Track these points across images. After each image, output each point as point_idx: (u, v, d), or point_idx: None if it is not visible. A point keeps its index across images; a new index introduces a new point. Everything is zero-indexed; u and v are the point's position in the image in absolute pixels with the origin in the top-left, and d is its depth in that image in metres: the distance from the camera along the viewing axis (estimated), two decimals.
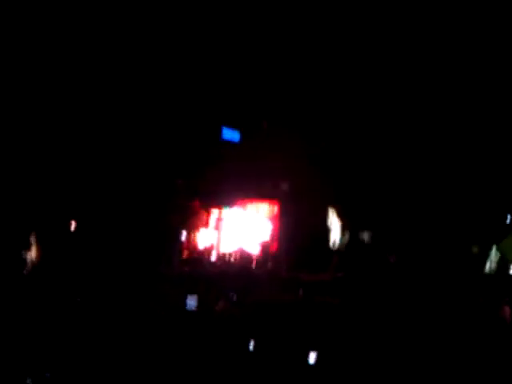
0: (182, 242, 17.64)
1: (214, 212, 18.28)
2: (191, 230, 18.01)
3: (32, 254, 14.18)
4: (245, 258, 17.99)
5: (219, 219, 18.27)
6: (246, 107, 18.01)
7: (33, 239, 14.35)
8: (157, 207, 16.92)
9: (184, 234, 17.73)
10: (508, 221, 18.06)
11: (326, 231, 17.95)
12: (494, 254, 17.48)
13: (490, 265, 17.15)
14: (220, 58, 17.02)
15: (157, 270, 14.34)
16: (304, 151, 18.06)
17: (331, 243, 17.75)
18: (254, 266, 17.77)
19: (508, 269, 16.95)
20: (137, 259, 14.94)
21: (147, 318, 10.07)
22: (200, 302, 11.81)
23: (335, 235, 17.91)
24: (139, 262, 14.69)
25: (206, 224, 18.13)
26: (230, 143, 18.08)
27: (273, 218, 18.59)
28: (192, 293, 12.06)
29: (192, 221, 17.99)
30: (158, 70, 16.74)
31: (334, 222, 18.01)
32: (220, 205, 18.25)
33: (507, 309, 10.05)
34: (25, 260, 13.73)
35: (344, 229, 17.95)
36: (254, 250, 18.20)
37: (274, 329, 10.18)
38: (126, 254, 15.15)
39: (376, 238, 17.55)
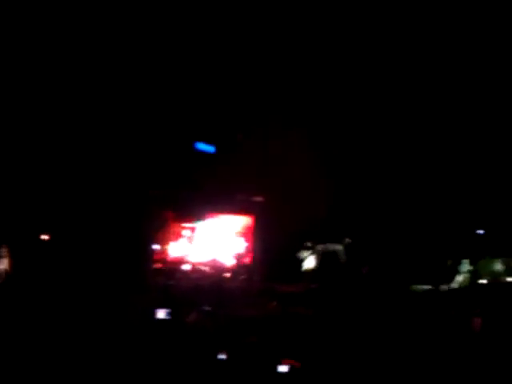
0: (154, 253, 17.63)
1: (188, 224, 18.31)
2: (164, 241, 17.99)
3: (4, 265, 14.11)
4: (217, 269, 17.97)
5: (192, 231, 18.25)
6: (221, 121, 18.03)
7: (4, 251, 14.27)
8: (130, 218, 16.86)
9: (157, 245, 17.72)
10: (480, 233, 18.22)
11: (300, 243, 17.99)
12: (464, 267, 17.61)
13: (460, 277, 17.26)
14: (196, 71, 17.03)
15: (129, 281, 14.23)
16: (280, 164, 18.14)
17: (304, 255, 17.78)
18: (227, 277, 17.81)
19: (477, 281, 17.09)
20: (109, 269, 14.85)
21: (119, 328, 9.99)
22: (172, 313, 11.74)
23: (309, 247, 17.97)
24: (112, 272, 14.61)
25: (179, 235, 18.15)
26: (204, 155, 18.07)
27: (247, 231, 18.61)
28: (164, 304, 11.98)
29: (165, 232, 17.94)
30: (134, 82, 16.74)
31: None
32: (193, 217, 18.25)
33: (477, 320, 10.11)
34: None
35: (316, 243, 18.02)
36: (228, 261, 18.21)
37: (246, 340, 10.14)
38: (98, 265, 15.06)
39: (349, 250, 17.61)
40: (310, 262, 17.46)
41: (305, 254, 17.54)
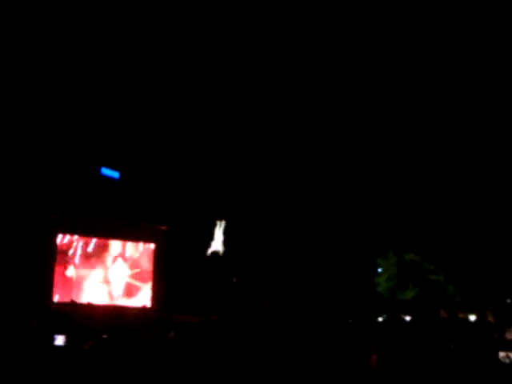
0: (53, 279, 17.29)
1: (89, 249, 18.05)
2: (64, 266, 17.66)
3: None
4: (116, 296, 17.87)
5: (94, 257, 18.02)
6: (127, 148, 17.93)
7: None
8: (32, 240, 16.51)
9: (56, 269, 17.41)
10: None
11: (204, 273, 18.07)
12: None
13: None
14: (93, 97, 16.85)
15: (28, 307, 13.94)
16: (186, 193, 18.19)
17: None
18: (125, 306, 17.67)
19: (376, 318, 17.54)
20: (8, 296, 14.53)
21: (15, 353, 9.75)
22: (68, 340, 11.55)
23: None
24: (10, 299, 14.29)
25: (77, 261, 17.84)
26: (109, 181, 17.93)
27: (148, 258, 18.55)
28: (61, 330, 11.78)
29: (65, 258, 17.65)
30: (39, 106, 16.46)
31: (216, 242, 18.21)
32: (95, 241, 18.03)
33: (374, 356, 10.35)
34: None
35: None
36: (127, 288, 18.11)
37: (141, 368, 10.06)
38: None
39: (250, 284, 17.78)
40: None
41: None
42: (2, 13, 14.41)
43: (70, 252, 17.87)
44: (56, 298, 17.27)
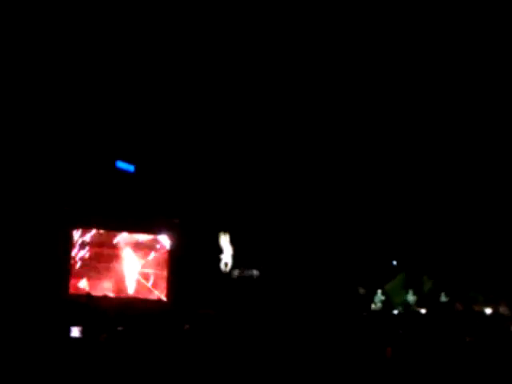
0: (68, 270, 17.40)
1: (103, 242, 18.14)
2: (79, 260, 17.76)
3: None
4: (129, 289, 17.95)
5: (107, 249, 18.09)
6: (142, 141, 17.94)
7: None
8: (46, 232, 16.60)
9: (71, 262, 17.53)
10: (394, 264, 18.66)
11: (217, 266, 18.08)
12: (379, 297, 18.02)
13: (374, 306, 17.67)
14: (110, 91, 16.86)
15: (42, 298, 14.01)
16: (198, 187, 18.19)
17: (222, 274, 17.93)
18: (140, 297, 17.75)
19: (391, 310, 17.50)
20: (22, 287, 14.60)
21: (31, 344, 9.80)
22: (84, 331, 11.60)
23: (226, 269, 18.08)
24: (24, 290, 14.36)
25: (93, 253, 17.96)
26: (124, 175, 17.96)
27: (163, 252, 18.59)
28: (77, 322, 11.84)
29: (79, 251, 17.73)
30: (54, 98, 16.51)
31: (226, 254, 18.18)
32: (109, 234, 18.11)
33: (388, 349, 10.33)
34: None
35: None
36: (143, 281, 18.14)
37: (156, 361, 10.10)
38: (10, 282, 14.79)
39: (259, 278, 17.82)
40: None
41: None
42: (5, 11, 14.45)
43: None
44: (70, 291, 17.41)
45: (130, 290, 18.20)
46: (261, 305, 15.53)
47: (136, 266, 18.37)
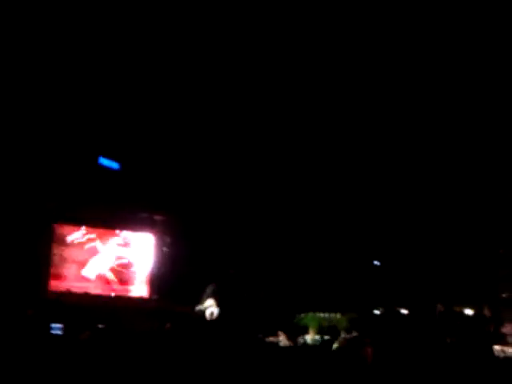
0: (49, 268, 17.30)
1: (85, 238, 18.06)
2: (60, 256, 17.69)
3: None
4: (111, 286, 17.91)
5: (88, 245, 18.03)
6: (127, 138, 17.88)
7: None
8: (27, 230, 16.51)
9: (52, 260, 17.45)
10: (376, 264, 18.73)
11: (201, 263, 18.06)
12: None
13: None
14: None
15: (24, 295, 13.97)
16: (185, 184, 18.16)
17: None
18: (122, 295, 17.72)
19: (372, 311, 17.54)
20: (3, 285, 14.55)
21: (11, 342, 9.75)
22: (65, 329, 11.57)
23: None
24: (5, 289, 14.31)
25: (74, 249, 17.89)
26: (108, 171, 17.90)
27: (147, 248, 18.55)
28: (58, 320, 11.81)
29: (61, 248, 17.66)
30: (38, 96, 16.42)
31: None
32: (93, 231, 18.05)
33: (369, 349, 10.34)
34: None
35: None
36: (122, 278, 18.14)
37: (137, 359, 10.06)
38: None
39: (247, 276, 17.80)
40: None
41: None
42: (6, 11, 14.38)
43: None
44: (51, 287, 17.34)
45: (110, 287, 18.19)
46: (241, 303, 15.48)
47: (117, 262, 18.33)
